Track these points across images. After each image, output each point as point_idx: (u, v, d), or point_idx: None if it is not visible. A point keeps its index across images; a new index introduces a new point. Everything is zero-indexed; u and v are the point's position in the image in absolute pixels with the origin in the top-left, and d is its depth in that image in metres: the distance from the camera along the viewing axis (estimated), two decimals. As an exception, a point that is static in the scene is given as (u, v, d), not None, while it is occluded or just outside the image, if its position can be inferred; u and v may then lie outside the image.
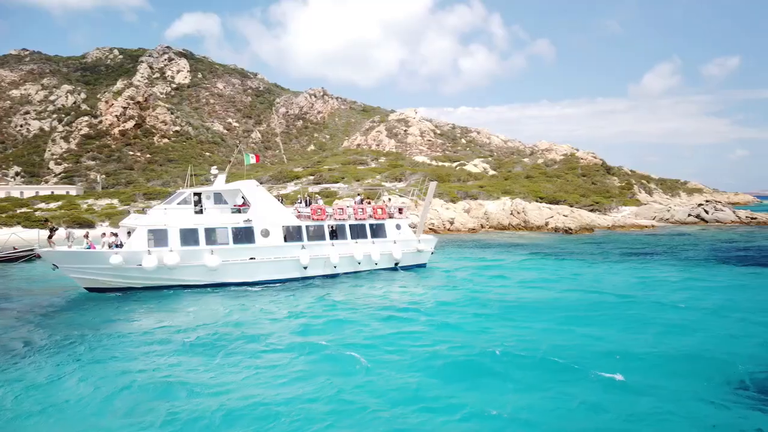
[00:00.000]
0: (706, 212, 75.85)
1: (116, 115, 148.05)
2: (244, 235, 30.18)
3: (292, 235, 31.72)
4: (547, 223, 70.16)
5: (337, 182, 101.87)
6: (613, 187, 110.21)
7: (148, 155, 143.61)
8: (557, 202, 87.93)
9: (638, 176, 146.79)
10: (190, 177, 33.40)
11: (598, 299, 25.86)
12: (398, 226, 36.04)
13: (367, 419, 12.72)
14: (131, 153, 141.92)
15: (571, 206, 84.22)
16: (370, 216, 35.02)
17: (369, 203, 37.15)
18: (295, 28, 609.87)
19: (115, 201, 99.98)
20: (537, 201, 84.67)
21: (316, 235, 32.60)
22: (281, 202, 34.05)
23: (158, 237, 28.10)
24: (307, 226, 32.32)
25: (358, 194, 41.29)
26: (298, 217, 32.49)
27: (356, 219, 34.36)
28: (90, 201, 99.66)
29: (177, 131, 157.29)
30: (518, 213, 73.18)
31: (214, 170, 32.68)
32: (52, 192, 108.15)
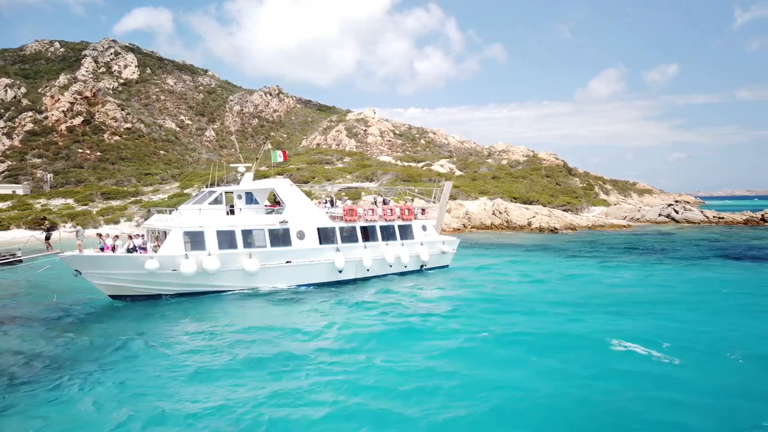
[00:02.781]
0: (676, 212, 78.63)
1: (63, 111, 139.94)
2: (280, 237, 28.52)
3: (326, 236, 30.27)
4: (529, 223, 70.83)
5: (308, 182, 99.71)
6: (576, 188, 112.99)
7: (99, 153, 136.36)
8: (530, 203, 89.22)
9: (593, 177, 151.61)
10: (214, 174, 31.34)
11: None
12: (424, 227, 35.13)
13: None
14: (80, 150, 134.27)
15: (544, 206, 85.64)
16: (398, 217, 33.97)
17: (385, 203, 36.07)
18: (250, 26, 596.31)
19: (70, 201, 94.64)
20: (512, 201, 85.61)
21: (349, 236, 31.28)
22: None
23: (195, 240, 26.07)
24: (340, 228, 30.94)
25: (377, 193, 40.01)
26: (331, 218, 31.07)
27: (385, 220, 33.23)
28: (42, 201, 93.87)
29: (128, 128, 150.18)
30: (500, 213, 73.60)
31: (241, 168, 30.80)
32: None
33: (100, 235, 29.18)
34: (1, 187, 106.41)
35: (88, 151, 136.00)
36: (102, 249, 26.44)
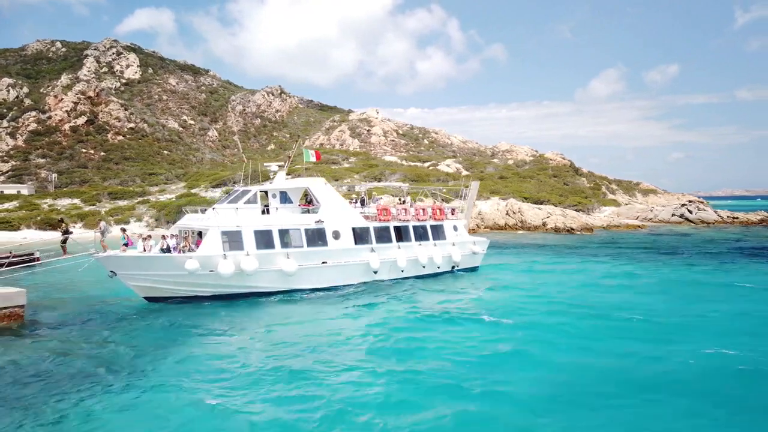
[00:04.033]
0: (690, 212, 78.21)
1: (66, 111, 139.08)
2: (316, 236, 27.95)
3: (361, 236, 29.69)
4: (544, 223, 70.33)
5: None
6: (585, 188, 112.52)
7: (103, 153, 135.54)
8: (541, 203, 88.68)
9: (598, 177, 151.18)
10: (246, 173, 30.72)
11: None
12: (455, 228, 34.63)
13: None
14: (84, 150, 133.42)
15: (556, 206, 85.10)
16: (430, 217, 33.41)
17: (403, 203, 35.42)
18: (251, 26, 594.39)
19: (77, 201, 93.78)
20: (523, 201, 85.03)
21: (383, 236, 30.71)
22: None
23: (232, 239, 25.45)
24: (374, 228, 30.36)
25: (393, 194, 39.33)
26: (366, 218, 30.50)
27: (417, 220, 32.66)
28: (49, 201, 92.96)
29: (132, 128, 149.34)
30: (514, 213, 73.10)
31: (274, 167, 30.19)
32: (2, 192, 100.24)
33: (124, 230, 28.55)
34: (6, 187, 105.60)
35: (92, 151, 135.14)
36: (126, 244, 25.73)
